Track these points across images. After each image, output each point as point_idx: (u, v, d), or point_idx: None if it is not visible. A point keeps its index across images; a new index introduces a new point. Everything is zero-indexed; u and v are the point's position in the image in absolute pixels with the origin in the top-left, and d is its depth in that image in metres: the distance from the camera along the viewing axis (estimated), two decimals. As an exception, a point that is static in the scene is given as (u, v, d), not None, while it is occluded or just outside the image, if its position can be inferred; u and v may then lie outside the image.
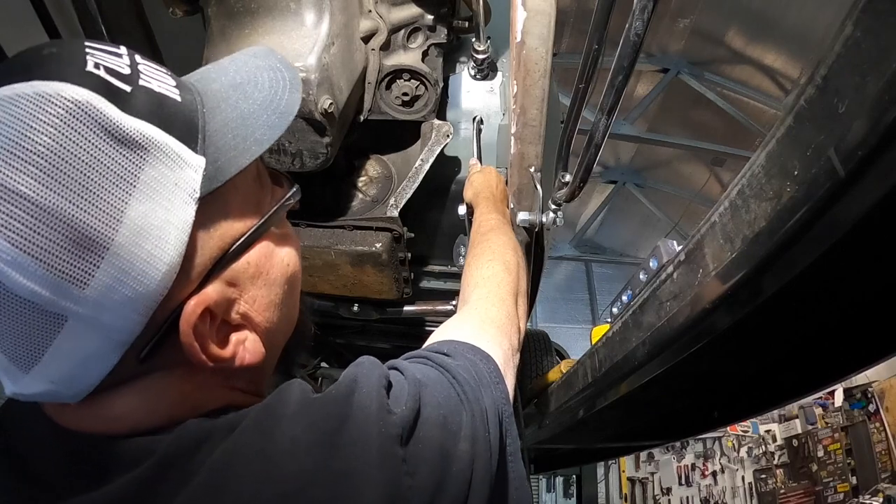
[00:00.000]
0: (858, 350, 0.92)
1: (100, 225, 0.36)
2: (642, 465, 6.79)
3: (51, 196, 0.35)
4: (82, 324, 0.37)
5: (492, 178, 1.25)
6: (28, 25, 1.37)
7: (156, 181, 0.39)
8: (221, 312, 0.44)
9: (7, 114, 0.35)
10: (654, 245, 1.15)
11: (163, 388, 0.43)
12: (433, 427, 0.43)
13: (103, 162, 0.37)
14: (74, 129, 0.36)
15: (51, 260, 0.35)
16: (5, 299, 0.35)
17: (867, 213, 0.48)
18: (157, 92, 0.41)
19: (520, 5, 0.84)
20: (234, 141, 0.44)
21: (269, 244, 0.48)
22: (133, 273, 0.38)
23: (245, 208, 0.46)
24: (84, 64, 0.39)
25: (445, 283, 1.92)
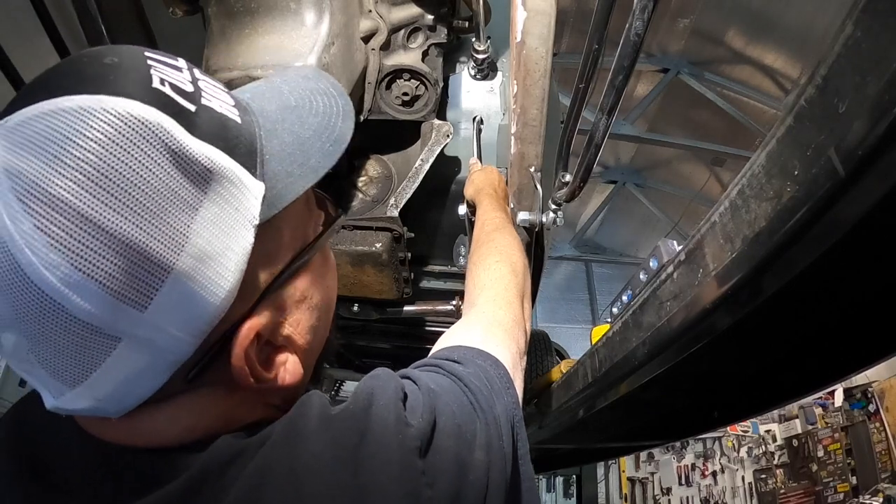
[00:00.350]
0: (858, 350, 0.92)
1: (163, 249, 0.35)
2: (642, 465, 6.79)
3: (117, 220, 0.34)
4: (136, 345, 0.36)
5: (493, 176, 1.25)
6: (28, 25, 1.37)
7: (219, 207, 0.38)
8: (268, 335, 0.44)
9: (73, 128, 0.34)
10: (654, 245, 1.15)
11: (204, 406, 0.42)
12: (449, 437, 0.43)
13: (170, 186, 0.36)
14: (144, 152, 0.35)
15: (113, 284, 0.34)
16: (62, 320, 0.34)
17: (867, 213, 0.48)
18: (218, 112, 0.41)
19: (520, 5, 0.84)
20: (290, 167, 0.44)
21: (314, 269, 0.48)
22: (192, 298, 0.37)
23: (296, 234, 0.46)
24: (150, 80, 0.38)
25: (445, 283, 1.92)
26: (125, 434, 0.41)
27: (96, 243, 0.33)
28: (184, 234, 0.36)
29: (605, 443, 2.21)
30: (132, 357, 0.37)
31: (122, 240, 0.34)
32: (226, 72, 1.05)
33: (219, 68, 1.06)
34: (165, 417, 0.41)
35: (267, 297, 0.43)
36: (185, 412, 0.42)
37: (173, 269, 0.36)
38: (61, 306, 0.34)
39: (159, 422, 0.41)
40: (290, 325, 0.46)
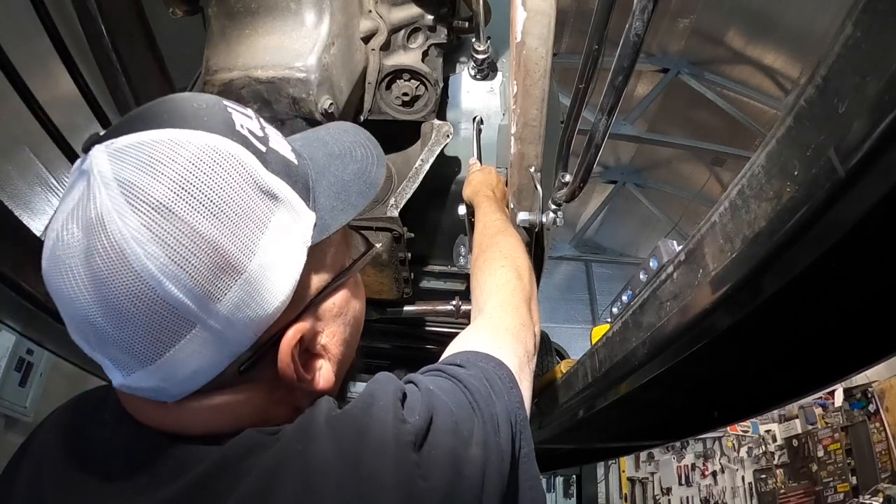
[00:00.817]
0: (858, 350, 0.92)
1: (239, 254, 0.43)
2: (642, 465, 6.79)
3: (207, 226, 0.42)
4: (206, 332, 0.43)
5: (492, 176, 1.25)
6: (28, 25, 1.37)
7: (282, 226, 0.47)
8: (308, 341, 0.51)
9: (174, 152, 0.43)
10: (654, 245, 1.15)
11: (246, 400, 0.48)
12: (445, 433, 0.47)
13: (248, 205, 0.44)
14: (230, 176, 0.44)
15: (199, 276, 0.41)
16: (152, 302, 0.41)
17: (867, 213, 0.48)
18: (282, 154, 0.50)
19: (520, 5, 0.84)
20: (335, 202, 0.53)
21: (349, 290, 0.57)
22: (256, 297, 0.45)
23: (336, 258, 0.55)
24: (233, 124, 0.47)
25: (445, 283, 1.92)
26: (173, 420, 0.47)
27: (190, 243, 0.41)
28: (255, 245, 0.44)
29: (605, 443, 2.21)
30: (201, 343, 0.43)
31: (210, 241, 0.42)
32: (226, 72, 1.05)
33: (219, 68, 1.06)
34: (212, 407, 0.47)
35: (311, 307, 0.51)
36: (229, 405, 0.47)
37: (245, 272, 0.44)
38: (154, 290, 0.40)
39: (206, 411, 0.46)
40: (327, 335, 0.53)
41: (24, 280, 1.09)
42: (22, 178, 3.96)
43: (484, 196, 1.17)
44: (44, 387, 3.93)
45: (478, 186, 1.22)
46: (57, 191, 4.26)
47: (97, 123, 1.41)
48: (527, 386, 0.64)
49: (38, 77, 1.73)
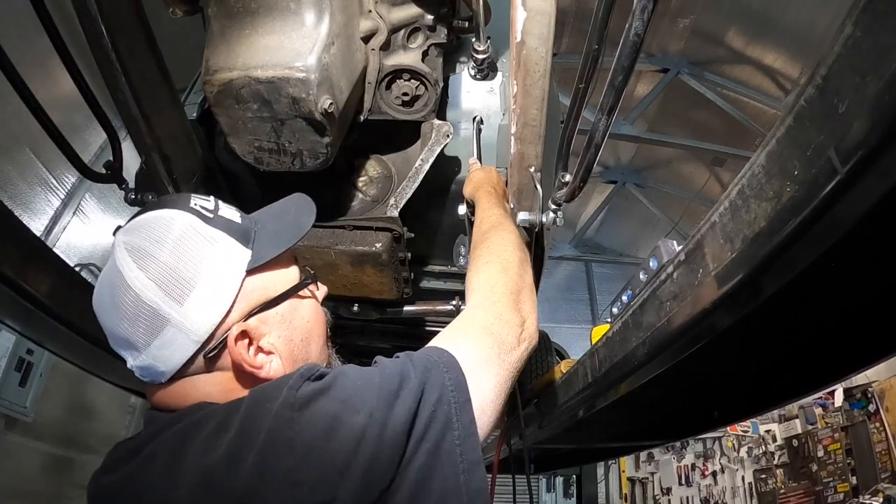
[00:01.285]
0: (858, 350, 0.92)
1: (191, 274, 0.66)
2: (642, 465, 6.78)
3: (168, 258, 0.65)
4: (175, 327, 0.65)
5: (492, 174, 1.25)
6: (28, 25, 1.37)
7: (221, 259, 0.68)
8: (257, 339, 0.69)
9: (151, 222, 0.68)
10: (654, 245, 1.15)
11: (216, 381, 0.69)
12: (334, 401, 0.60)
13: (196, 245, 0.67)
14: (183, 231, 0.67)
15: (166, 288, 0.64)
16: (142, 306, 0.64)
17: (867, 213, 0.48)
18: (227, 217, 0.72)
19: (520, 5, 0.84)
20: (269, 243, 0.73)
21: (294, 303, 0.75)
22: (207, 302, 0.66)
23: (277, 282, 0.73)
24: (188, 201, 0.71)
25: (445, 283, 1.92)
26: (169, 397, 0.69)
27: (157, 267, 0.65)
28: (200, 268, 0.66)
29: (605, 443, 2.21)
30: (173, 333, 0.65)
31: (171, 266, 0.65)
32: (226, 72, 1.05)
33: (219, 68, 1.06)
34: (192, 386, 0.68)
35: (254, 313, 0.70)
36: (204, 384, 0.68)
37: (195, 285, 0.66)
38: (141, 299, 0.64)
39: (188, 389, 0.68)
40: (274, 336, 0.71)
41: (24, 280, 1.09)
42: (22, 178, 3.96)
43: (484, 192, 1.17)
44: (44, 387, 3.93)
45: (479, 183, 1.22)
46: (57, 191, 4.26)
47: (97, 123, 1.40)
48: (493, 374, 0.72)
49: (38, 77, 1.73)
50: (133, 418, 5.25)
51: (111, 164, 1.45)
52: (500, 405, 0.71)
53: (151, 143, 1.30)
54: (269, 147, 1.16)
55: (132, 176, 1.46)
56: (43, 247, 1.24)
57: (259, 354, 0.69)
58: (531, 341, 0.81)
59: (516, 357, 0.77)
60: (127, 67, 1.14)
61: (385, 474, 0.57)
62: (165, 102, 1.32)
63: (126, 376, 1.79)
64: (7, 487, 3.69)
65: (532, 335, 0.82)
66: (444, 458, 0.60)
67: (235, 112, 1.10)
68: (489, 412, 0.69)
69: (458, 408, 0.64)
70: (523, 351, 0.79)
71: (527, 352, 0.80)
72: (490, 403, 0.69)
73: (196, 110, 1.50)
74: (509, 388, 0.74)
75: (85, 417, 4.62)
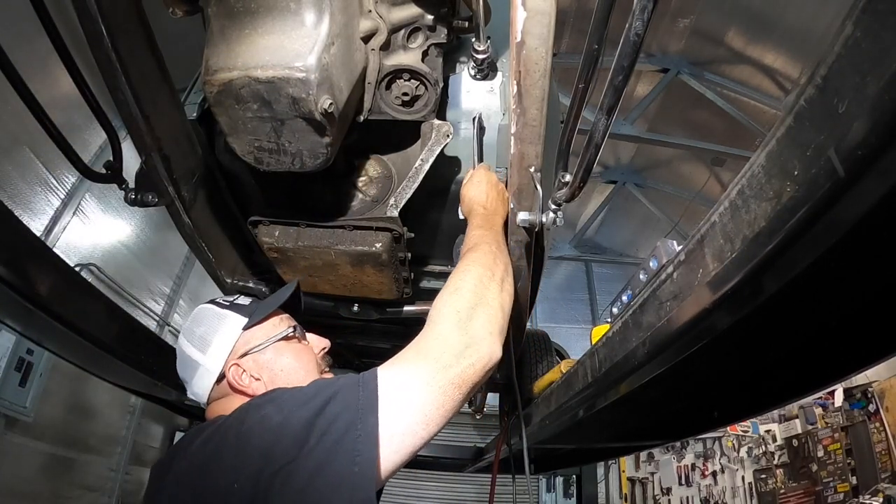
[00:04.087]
0: (858, 350, 0.92)
1: (210, 337, 1.04)
2: (642, 465, 6.79)
3: (200, 330, 1.06)
4: (201, 368, 1.02)
5: (481, 188, 1.25)
6: (28, 25, 1.37)
7: (227, 325, 1.05)
8: (247, 370, 1.02)
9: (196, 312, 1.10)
10: (654, 245, 1.15)
11: (229, 404, 0.97)
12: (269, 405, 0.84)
13: (213, 321, 1.06)
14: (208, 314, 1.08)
15: (196, 345, 1.04)
16: (185, 357, 1.05)
17: (867, 213, 0.48)
18: (238, 303, 1.10)
19: (520, 5, 0.84)
20: (259, 312, 1.07)
21: (280, 346, 1.06)
22: (216, 351, 1.02)
23: (262, 334, 1.06)
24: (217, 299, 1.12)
25: (445, 283, 1.92)
26: (208, 416, 1.02)
27: (196, 337, 1.05)
28: (216, 332, 1.04)
29: (605, 443, 2.21)
30: (202, 372, 1.03)
31: (201, 336, 1.05)
32: (226, 72, 1.05)
33: (219, 68, 1.06)
34: (218, 406, 1.01)
35: (248, 354, 1.03)
36: (222, 406, 0.99)
37: (210, 345, 1.03)
38: (187, 355, 1.05)
39: (216, 409, 1.01)
40: (261, 369, 1.03)
41: (24, 280, 1.09)
42: (22, 178, 3.96)
43: (473, 213, 1.23)
44: (44, 387, 3.93)
45: (469, 204, 1.25)
46: (57, 191, 4.26)
47: (97, 123, 1.40)
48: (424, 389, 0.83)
49: (38, 77, 1.74)
50: (133, 418, 5.26)
51: (111, 164, 1.45)
52: (445, 411, 0.84)
53: (151, 143, 1.30)
54: (269, 147, 1.16)
55: (132, 176, 1.46)
56: (43, 247, 1.24)
57: (251, 381, 1.01)
58: (479, 356, 0.89)
59: (456, 373, 0.86)
60: (127, 67, 1.14)
61: (287, 450, 0.76)
62: (165, 102, 1.32)
63: (126, 376, 1.79)
64: (7, 487, 3.69)
65: (480, 351, 0.90)
66: (341, 451, 0.76)
67: (235, 112, 1.10)
68: (428, 418, 0.82)
69: (362, 415, 0.79)
70: (466, 367, 0.87)
71: (473, 367, 0.87)
72: (427, 411, 0.82)
73: (196, 110, 1.50)
74: (458, 396, 0.85)
75: (85, 417, 4.62)
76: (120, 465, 4.97)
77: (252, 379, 1.01)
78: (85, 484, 4.57)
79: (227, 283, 1.79)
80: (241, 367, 1.01)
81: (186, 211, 1.48)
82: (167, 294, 5.82)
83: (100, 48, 1.09)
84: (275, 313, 1.10)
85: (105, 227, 4.89)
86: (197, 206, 1.53)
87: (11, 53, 1.15)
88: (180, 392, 1.83)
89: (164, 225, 4.92)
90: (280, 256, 1.49)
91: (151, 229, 5.36)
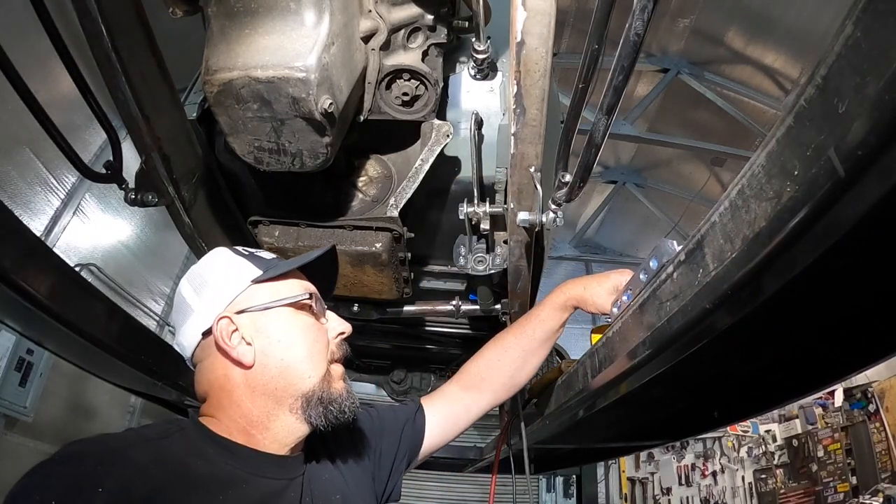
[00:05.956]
0: (858, 350, 0.92)
1: (210, 278, 0.90)
2: (642, 465, 6.79)
3: (202, 269, 0.93)
4: (194, 314, 0.88)
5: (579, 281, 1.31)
6: (28, 25, 1.37)
7: (234, 271, 0.91)
8: (239, 327, 0.86)
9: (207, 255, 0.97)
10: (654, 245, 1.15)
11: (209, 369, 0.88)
12: None
13: (221, 263, 0.93)
14: (217, 256, 0.95)
15: (193, 283, 0.91)
16: (180, 297, 0.91)
17: (867, 213, 0.48)
18: (256, 254, 0.95)
19: (520, 5, 0.84)
20: (276, 268, 0.91)
21: (289, 314, 0.89)
22: (213, 295, 0.88)
23: (273, 293, 0.90)
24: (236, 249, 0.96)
25: (445, 283, 1.92)
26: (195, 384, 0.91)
27: (196, 276, 0.92)
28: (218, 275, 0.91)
29: (605, 443, 2.21)
30: (192, 320, 0.88)
31: (201, 274, 0.92)
32: (225, 72, 1.05)
33: (218, 68, 1.06)
34: (199, 373, 0.90)
35: (245, 311, 0.87)
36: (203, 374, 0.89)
37: (210, 284, 0.90)
38: (181, 293, 0.91)
39: (198, 377, 0.90)
40: (260, 333, 0.87)
41: (24, 280, 1.09)
42: (22, 178, 3.96)
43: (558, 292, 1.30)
44: (44, 387, 3.93)
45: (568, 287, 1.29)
46: (57, 191, 4.26)
47: (97, 123, 1.40)
48: None
49: (38, 77, 1.73)
50: (133, 418, 5.25)
51: (111, 164, 1.45)
52: None
53: (151, 143, 1.30)
54: (269, 147, 1.16)
55: (132, 176, 1.46)
56: (43, 247, 1.24)
57: (240, 342, 0.85)
58: None
59: None
60: (127, 67, 1.14)
61: None
62: (165, 102, 1.32)
63: (126, 376, 1.79)
64: (7, 487, 3.68)
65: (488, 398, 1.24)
66: None
67: (235, 112, 1.10)
68: None
69: None
70: None
71: None
72: None
73: (196, 110, 1.50)
74: None
75: (85, 417, 4.62)
76: (120, 465, 4.96)
77: (242, 341, 0.84)
78: (85, 484, 4.56)
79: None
80: (234, 323, 0.84)
81: (186, 211, 1.48)
82: (167, 294, 5.81)
83: (100, 48, 1.09)
84: (296, 275, 0.93)
85: (105, 227, 4.88)
86: (197, 206, 1.53)
87: (11, 53, 1.15)
88: (180, 392, 1.83)
89: (164, 225, 4.91)
90: (280, 256, 1.49)
91: (151, 229, 5.36)
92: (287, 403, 0.85)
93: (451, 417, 1.19)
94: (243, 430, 0.84)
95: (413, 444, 1.13)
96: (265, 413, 0.85)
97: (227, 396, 0.85)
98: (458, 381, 1.23)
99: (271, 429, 0.85)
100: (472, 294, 1.90)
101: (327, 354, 0.91)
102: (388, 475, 1.09)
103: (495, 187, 1.48)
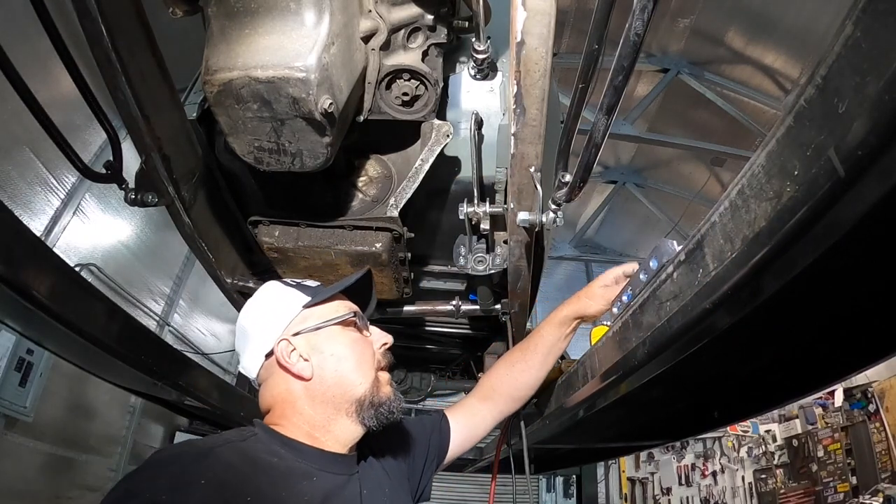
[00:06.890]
0: (858, 350, 0.92)
1: (265, 308, 1.04)
2: (642, 465, 6.79)
3: (256, 301, 1.06)
4: (255, 341, 1.01)
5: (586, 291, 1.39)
6: (28, 25, 1.37)
7: (285, 300, 1.03)
8: (300, 349, 0.98)
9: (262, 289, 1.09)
10: (654, 245, 1.15)
11: (273, 385, 1.00)
12: None
13: (272, 295, 1.05)
14: (268, 289, 1.07)
15: (251, 316, 1.05)
16: (241, 328, 1.05)
17: (867, 213, 0.48)
18: (304, 284, 1.07)
19: (520, 5, 0.84)
20: (322, 293, 1.04)
21: (336, 332, 1.02)
22: (269, 324, 1.01)
23: (322, 315, 1.02)
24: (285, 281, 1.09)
25: (445, 283, 1.92)
26: (260, 401, 1.02)
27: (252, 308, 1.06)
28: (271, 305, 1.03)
29: (605, 443, 2.21)
30: (253, 346, 1.01)
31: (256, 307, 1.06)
32: (225, 72, 1.05)
33: (218, 68, 1.06)
34: (264, 389, 1.01)
35: (301, 333, 1.00)
36: (267, 390, 1.01)
37: (266, 314, 1.03)
38: (241, 325, 1.05)
39: (263, 393, 1.01)
40: (309, 350, 0.99)
41: (24, 280, 1.09)
42: (22, 178, 3.96)
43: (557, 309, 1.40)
44: (44, 387, 3.93)
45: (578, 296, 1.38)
46: (57, 191, 4.26)
47: (97, 123, 1.40)
48: None
49: (38, 77, 1.73)
50: (133, 418, 5.26)
51: (111, 164, 1.45)
52: None
53: (151, 143, 1.30)
54: (269, 147, 1.16)
55: (132, 176, 1.46)
56: (43, 247, 1.24)
57: (298, 359, 0.98)
58: None
59: None
60: (127, 67, 1.14)
61: None
62: (165, 102, 1.32)
63: (126, 376, 1.79)
64: (7, 487, 3.69)
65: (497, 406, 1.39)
66: None
67: (235, 112, 1.10)
68: None
69: None
70: None
71: None
72: None
73: (196, 110, 1.50)
74: None
75: (85, 417, 4.62)
76: (120, 465, 4.97)
77: (300, 359, 0.98)
78: (85, 484, 4.57)
79: (227, 284, 1.78)
80: (292, 344, 0.98)
81: (186, 211, 1.48)
82: (167, 294, 5.82)
83: (100, 48, 1.09)
84: (338, 298, 1.07)
85: (105, 227, 4.88)
86: (197, 206, 1.53)
87: (11, 53, 1.15)
88: (180, 392, 1.83)
89: (164, 225, 4.92)
90: (280, 256, 1.49)
91: (151, 229, 5.36)
92: (344, 408, 0.98)
93: (471, 426, 1.35)
94: (308, 434, 0.97)
95: (440, 450, 1.28)
96: (326, 418, 0.98)
97: (291, 406, 0.98)
98: (475, 394, 1.41)
99: (332, 431, 0.98)
100: (472, 294, 1.90)
101: (374, 363, 1.03)
102: (420, 477, 1.22)
103: (495, 187, 1.48)
